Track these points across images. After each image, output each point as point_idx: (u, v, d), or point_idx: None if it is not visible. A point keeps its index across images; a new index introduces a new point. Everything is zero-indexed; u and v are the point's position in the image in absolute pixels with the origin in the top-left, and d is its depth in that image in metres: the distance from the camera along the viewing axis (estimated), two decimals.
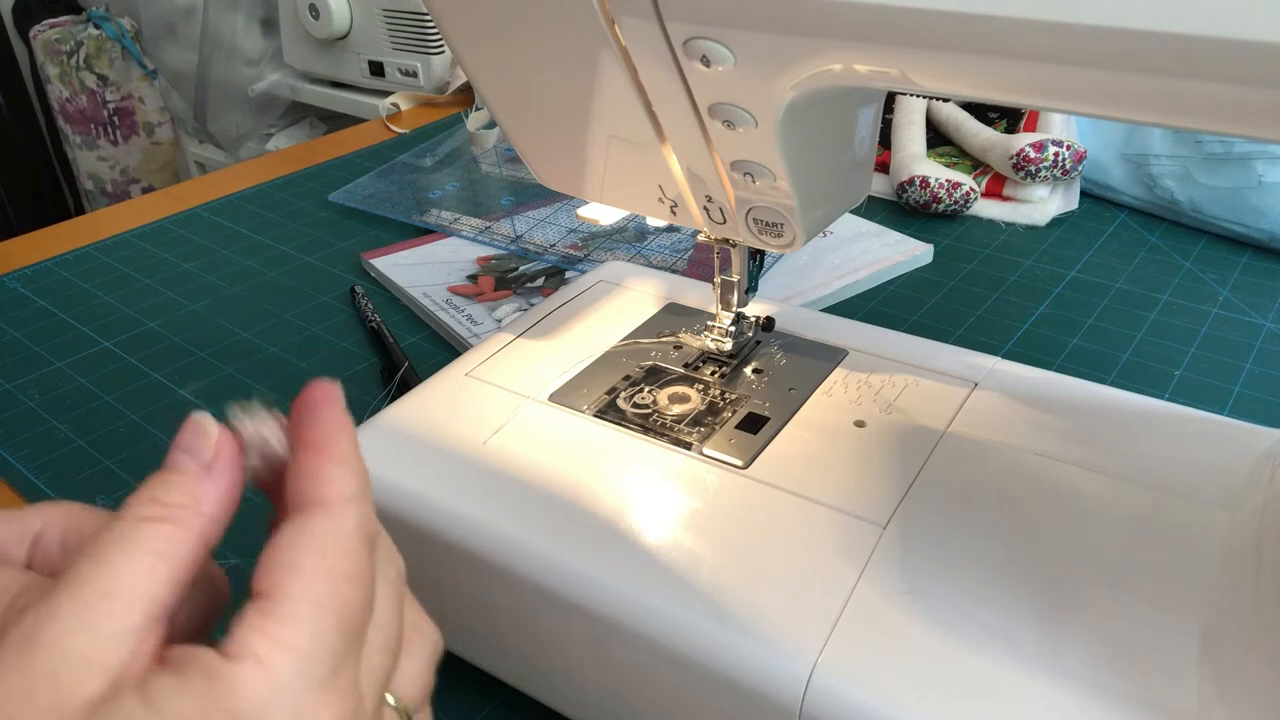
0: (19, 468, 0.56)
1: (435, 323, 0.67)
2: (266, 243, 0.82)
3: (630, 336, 0.48)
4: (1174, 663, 0.30)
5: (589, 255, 0.74)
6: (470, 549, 0.36)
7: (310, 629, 0.21)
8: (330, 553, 0.22)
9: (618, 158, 0.40)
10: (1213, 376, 0.60)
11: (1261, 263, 0.73)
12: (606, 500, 0.37)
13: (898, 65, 0.28)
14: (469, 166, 0.93)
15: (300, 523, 0.22)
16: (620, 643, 0.33)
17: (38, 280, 0.77)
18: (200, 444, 0.23)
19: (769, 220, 0.38)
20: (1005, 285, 0.71)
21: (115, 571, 0.20)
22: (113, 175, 2.05)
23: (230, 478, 0.23)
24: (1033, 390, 0.42)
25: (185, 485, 0.23)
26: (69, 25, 1.96)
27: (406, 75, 1.20)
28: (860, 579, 0.33)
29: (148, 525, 0.22)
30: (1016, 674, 0.29)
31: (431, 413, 0.42)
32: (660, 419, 0.42)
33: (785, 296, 0.68)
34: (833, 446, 0.39)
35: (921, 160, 0.82)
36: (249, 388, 0.62)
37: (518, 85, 0.40)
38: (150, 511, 0.22)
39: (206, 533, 0.22)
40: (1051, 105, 0.27)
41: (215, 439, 0.24)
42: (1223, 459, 0.38)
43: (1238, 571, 0.33)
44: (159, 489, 0.22)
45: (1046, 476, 0.37)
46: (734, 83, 0.32)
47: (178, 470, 0.23)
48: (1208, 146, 0.74)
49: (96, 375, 0.64)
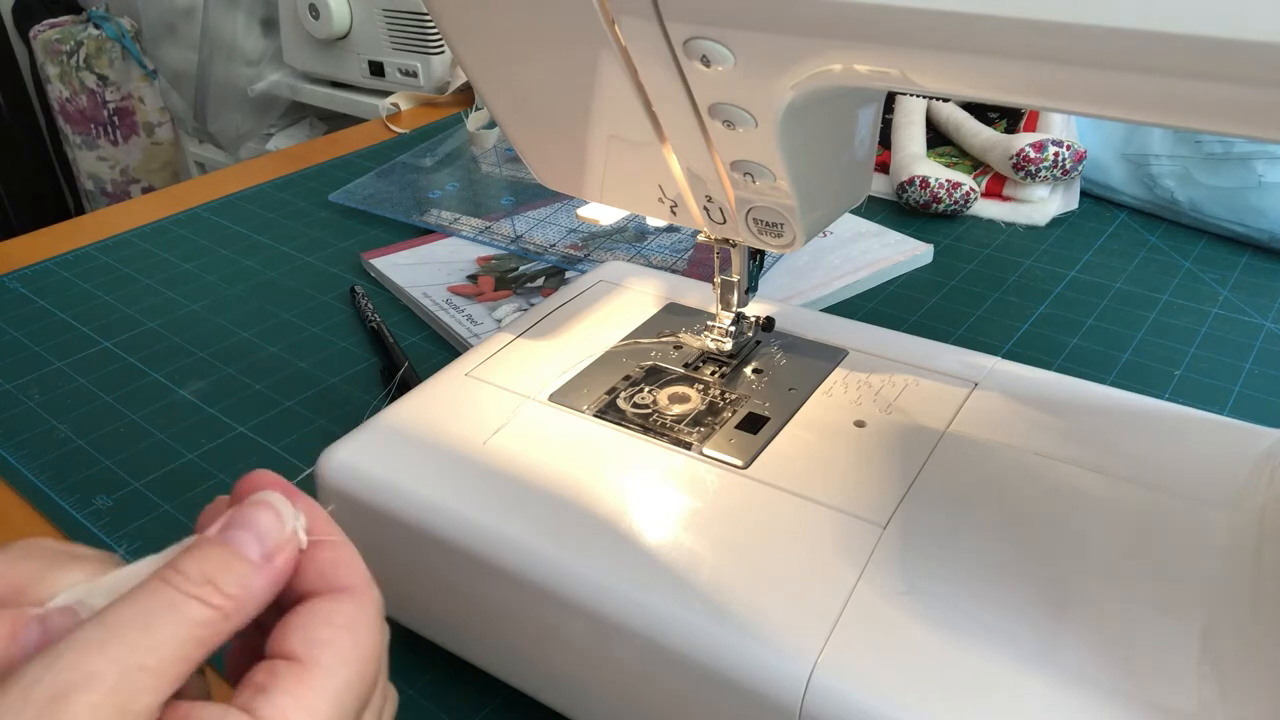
0: (19, 468, 0.56)
1: (435, 323, 0.67)
2: (266, 243, 0.82)
3: (630, 336, 0.48)
4: (1174, 663, 0.30)
5: (589, 255, 0.74)
6: (470, 549, 0.36)
7: (335, 700, 0.23)
8: (360, 632, 0.24)
9: (618, 158, 0.40)
10: (1213, 376, 0.60)
11: (1261, 263, 0.73)
12: (606, 500, 0.37)
13: (898, 65, 0.28)
14: (469, 166, 0.93)
15: (335, 604, 0.24)
16: (620, 643, 0.33)
17: (38, 280, 0.77)
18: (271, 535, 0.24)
19: (769, 220, 0.38)
20: (1005, 285, 0.71)
21: (161, 649, 0.21)
22: (113, 175, 2.05)
23: (284, 577, 0.24)
24: (1033, 390, 0.42)
25: (246, 580, 0.23)
26: (69, 25, 1.96)
27: (406, 75, 1.20)
28: (860, 579, 0.33)
29: (201, 608, 0.22)
30: (1016, 674, 0.29)
31: (431, 413, 0.42)
32: (660, 419, 0.42)
33: (785, 296, 0.68)
34: (833, 446, 0.39)
35: (921, 160, 0.82)
36: (249, 387, 0.62)
37: (518, 85, 0.40)
38: (206, 594, 0.22)
39: (243, 624, 0.23)
40: (1051, 105, 0.27)
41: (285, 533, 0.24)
42: (1223, 459, 0.38)
43: (1238, 571, 0.33)
44: (218, 572, 0.23)
45: (1046, 476, 0.37)
46: (734, 83, 0.32)
47: (241, 556, 0.23)
48: (1208, 146, 0.74)
49: (96, 375, 0.64)
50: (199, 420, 0.59)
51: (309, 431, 0.58)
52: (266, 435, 0.58)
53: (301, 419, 0.59)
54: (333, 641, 0.23)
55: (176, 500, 0.53)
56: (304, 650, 0.23)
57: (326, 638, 0.23)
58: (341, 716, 0.23)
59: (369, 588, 0.25)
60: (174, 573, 0.22)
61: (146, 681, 0.20)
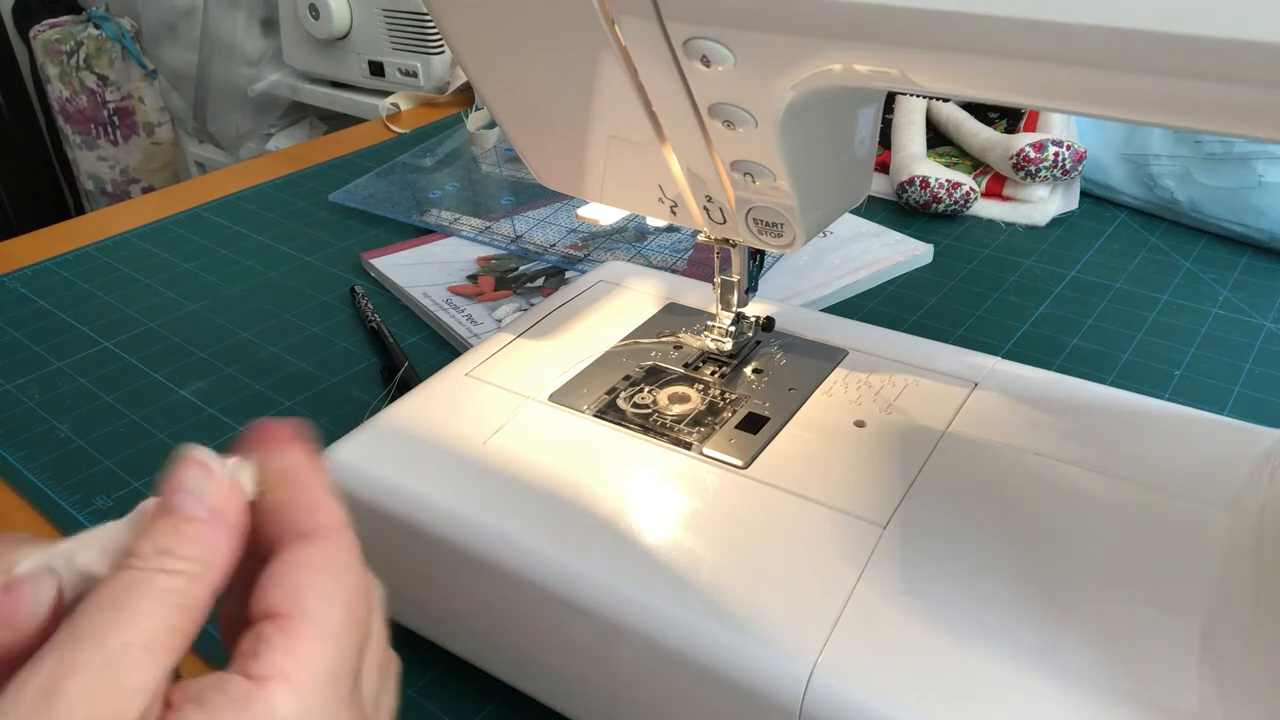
0: (19, 468, 0.56)
1: (435, 323, 0.67)
2: (266, 243, 0.82)
3: (630, 336, 0.48)
4: (1174, 663, 0.30)
5: (589, 255, 0.74)
6: (470, 549, 0.36)
7: (333, 647, 0.22)
8: (341, 574, 0.23)
9: (618, 158, 0.40)
10: (1213, 376, 0.60)
11: (1261, 263, 0.73)
12: (606, 500, 0.37)
13: (898, 65, 0.28)
14: (469, 166, 0.93)
15: (307, 548, 0.23)
16: (620, 643, 0.33)
17: (38, 280, 0.77)
18: (206, 487, 0.23)
19: (769, 220, 0.38)
20: (1005, 285, 0.71)
21: (138, 623, 0.20)
22: (113, 175, 2.05)
23: (239, 526, 0.23)
24: (1033, 390, 0.42)
25: (199, 538, 0.22)
26: (69, 25, 1.96)
27: (406, 75, 1.20)
28: (860, 579, 0.33)
29: (167, 577, 0.21)
30: (1016, 674, 0.29)
31: (431, 413, 0.42)
32: (660, 419, 0.42)
33: (785, 296, 0.68)
34: (833, 446, 0.39)
35: (921, 160, 0.82)
36: (249, 387, 0.62)
37: (518, 85, 0.40)
38: (166, 564, 0.22)
39: (218, 585, 0.22)
40: (1051, 105, 0.27)
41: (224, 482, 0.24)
42: (1223, 459, 0.38)
43: (1238, 571, 0.33)
44: (173, 540, 0.22)
45: (1046, 476, 0.37)
46: (734, 83, 0.32)
47: (187, 517, 0.23)
48: (1208, 146, 0.74)
49: (96, 375, 0.64)
50: (199, 420, 0.59)
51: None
52: None
53: (301, 419, 0.59)
54: (313, 586, 0.22)
55: None
56: (285, 603, 0.22)
57: (306, 584, 0.22)
58: (340, 659, 0.22)
59: (342, 528, 0.24)
60: (129, 558, 0.22)
61: (137, 656, 0.20)
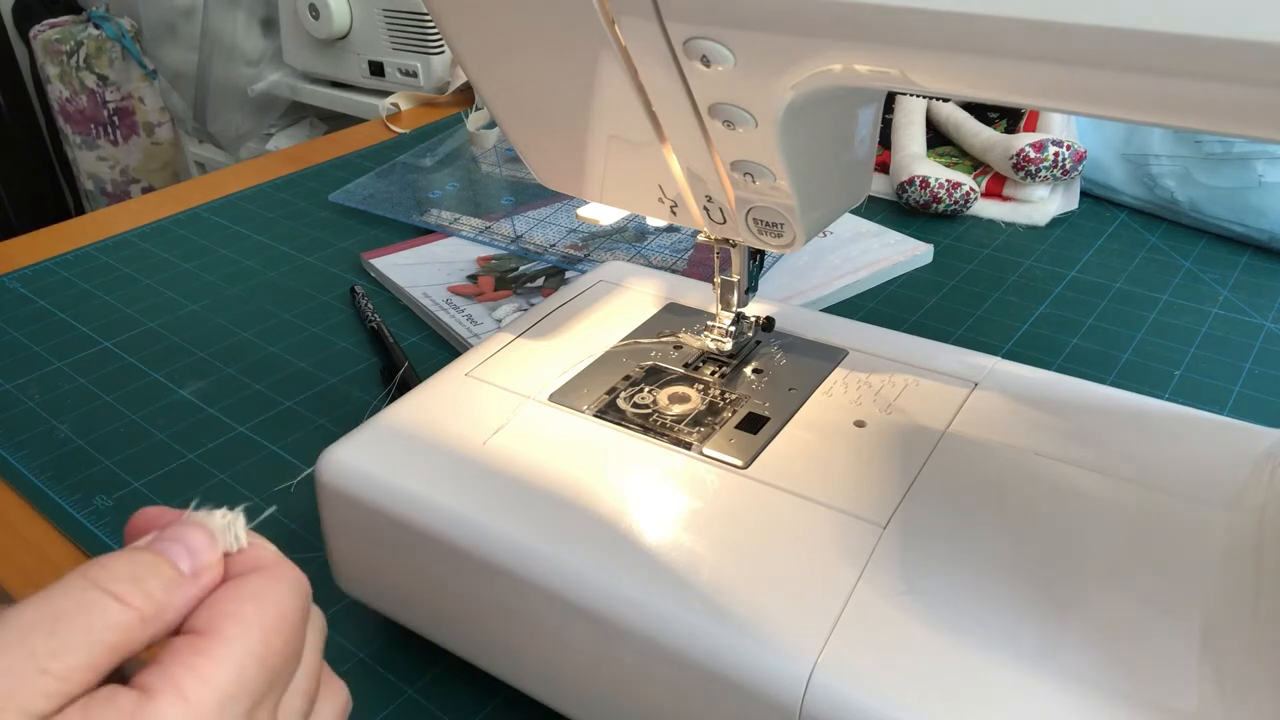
0: (19, 468, 0.56)
1: (435, 323, 0.67)
2: (266, 243, 0.82)
3: (630, 336, 0.48)
4: (1174, 663, 0.30)
5: (589, 255, 0.74)
6: (470, 549, 0.36)
7: (236, 671, 0.22)
8: (267, 605, 0.23)
9: (618, 158, 0.40)
10: (1213, 376, 0.60)
11: (1261, 263, 0.73)
12: (606, 500, 0.37)
13: (898, 65, 0.28)
14: (469, 166, 0.93)
15: (244, 579, 0.24)
16: (620, 642, 0.33)
17: (38, 280, 0.77)
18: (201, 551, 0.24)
19: (769, 220, 0.38)
20: (1005, 285, 0.71)
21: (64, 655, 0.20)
22: (113, 175, 2.05)
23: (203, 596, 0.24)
24: (1033, 390, 0.42)
25: (170, 585, 0.23)
26: (69, 25, 1.96)
27: (406, 75, 1.20)
28: (860, 579, 0.33)
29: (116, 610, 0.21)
30: (1016, 674, 0.29)
31: (431, 413, 0.42)
32: (660, 419, 0.42)
33: (785, 296, 0.68)
34: (833, 446, 0.39)
35: (921, 160, 0.82)
36: (249, 387, 0.62)
37: (517, 85, 0.40)
38: (125, 591, 0.22)
39: (157, 638, 0.23)
40: (1051, 105, 0.27)
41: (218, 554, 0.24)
42: (1223, 459, 0.38)
43: (1238, 571, 0.33)
44: (146, 573, 0.22)
45: (1047, 476, 0.37)
46: (734, 83, 0.32)
47: (170, 562, 0.23)
48: (1208, 146, 0.74)
49: (96, 375, 0.64)
50: (199, 420, 0.59)
51: (309, 431, 0.58)
52: (266, 435, 0.58)
53: (301, 419, 0.59)
54: (235, 613, 0.23)
55: (177, 500, 0.53)
56: (203, 622, 0.22)
57: (230, 610, 0.23)
58: (242, 685, 0.22)
59: (280, 563, 0.25)
60: (98, 568, 0.22)
61: (48, 685, 0.20)
